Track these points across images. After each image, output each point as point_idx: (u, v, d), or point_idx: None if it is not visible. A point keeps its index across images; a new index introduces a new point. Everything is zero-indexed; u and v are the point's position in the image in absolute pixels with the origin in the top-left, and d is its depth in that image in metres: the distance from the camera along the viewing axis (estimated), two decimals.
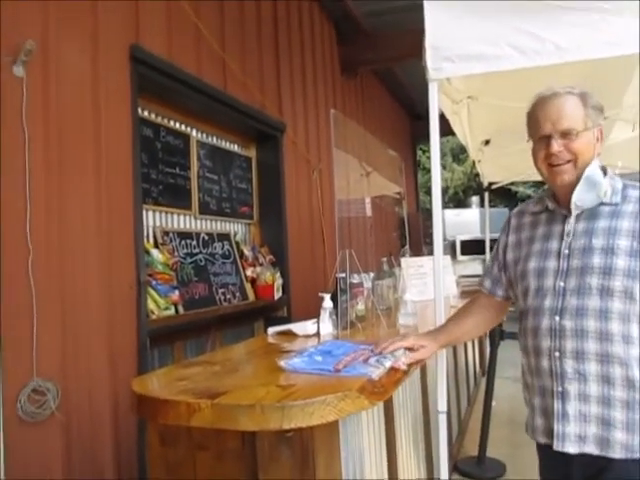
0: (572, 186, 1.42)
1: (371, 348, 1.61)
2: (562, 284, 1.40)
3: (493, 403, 3.51)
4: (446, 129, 3.24)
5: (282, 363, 1.48)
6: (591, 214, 1.42)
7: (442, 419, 1.95)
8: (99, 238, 2.55)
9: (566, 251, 1.42)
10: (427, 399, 2.42)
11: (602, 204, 1.42)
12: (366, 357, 1.52)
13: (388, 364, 1.47)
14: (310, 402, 1.15)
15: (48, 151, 2.30)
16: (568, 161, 1.41)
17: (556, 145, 1.40)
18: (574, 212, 1.43)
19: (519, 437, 3.66)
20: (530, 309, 1.47)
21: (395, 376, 1.44)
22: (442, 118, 2.14)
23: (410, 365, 1.56)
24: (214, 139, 4.05)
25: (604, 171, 1.45)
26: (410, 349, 1.58)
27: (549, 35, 1.77)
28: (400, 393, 2.02)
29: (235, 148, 4.34)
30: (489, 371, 3.47)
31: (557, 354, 1.39)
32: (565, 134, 1.40)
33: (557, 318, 1.39)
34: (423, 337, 1.67)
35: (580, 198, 1.41)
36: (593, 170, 1.41)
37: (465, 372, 4.31)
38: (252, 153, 4.53)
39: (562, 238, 1.44)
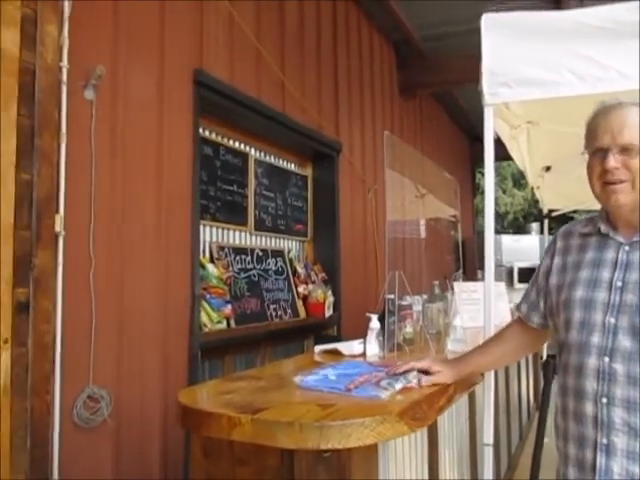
0: (628, 208, 1.28)
1: (386, 370, 1.60)
2: (613, 320, 1.25)
3: (546, 439, 3.36)
4: (506, 153, 3.19)
5: (297, 380, 1.50)
6: None
7: (488, 452, 1.89)
8: (157, 252, 2.65)
9: (619, 283, 1.27)
10: (475, 430, 2.35)
11: None
12: (379, 379, 1.51)
13: (399, 386, 1.44)
14: (348, 423, 1.15)
15: (113, 168, 2.43)
16: (623, 181, 1.25)
17: (613, 161, 1.24)
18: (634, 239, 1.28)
19: None
20: (573, 344, 1.32)
21: (437, 403, 1.42)
22: (502, 142, 2.11)
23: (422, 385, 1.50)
24: (272, 158, 4.15)
25: None
26: (426, 372, 1.53)
27: (612, 61, 1.72)
28: (446, 422, 1.98)
29: (292, 167, 4.42)
30: (542, 406, 3.31)
31: (604, 400, 1.23)
32: (625, 149, 1.25)
33: (606, 359, 1.24)
34: (441, 362, 1.61)
35: None
36: None
37: (518, 405, 4.15)
38: (308, 172, 4.60)
39: (615, 267, 1.29)
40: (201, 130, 3.30)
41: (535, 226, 9.24)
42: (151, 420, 2.55)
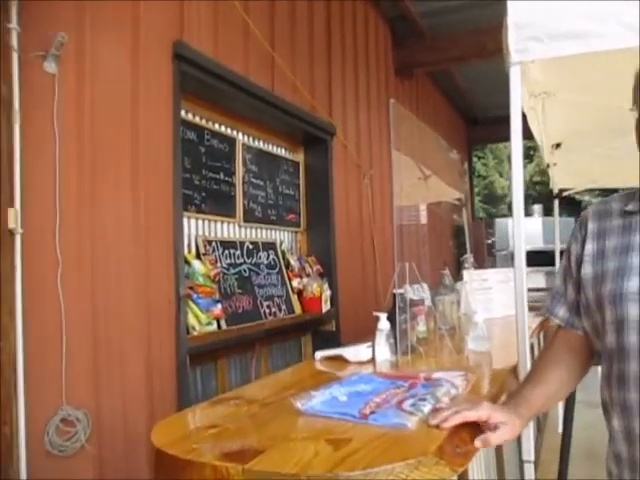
0: None
1: (408, 384, 1.32)
2: None
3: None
4: (502, 134, 2.90)
5: (299, 404, 1.22)
6: None
7: (529, 469, 1.61)
8: (135, 249, 2.35)
9: None
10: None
11: None
12: (400, 399, 1.22)
13: (427, 409, 1.15)
14: (372, 472, 0.87)
15: (80, 154, 2.12)
16: None
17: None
18: None
19: (600, 473, 3.24)
20: (610, 348, 1.09)
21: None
22: (503, 120, 1.82)
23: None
24: (261, 143, 3.84)
25: None
26: (482, 425, 1.12)
27: None
28: None
29: (282, 152, 4.11)
30: (568, 398, 3.05)
31: None
32: None
33: None
34: (502, 410, 1.16)
35: None
36: None
37: None
38: (300, 157, 4.30)
39: None
40: (183, 113, 2.99)
41: (537, 208, 8.94)
42: (137, 441, 2.23)
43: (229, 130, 3.49)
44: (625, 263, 1.09)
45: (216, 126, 3.36)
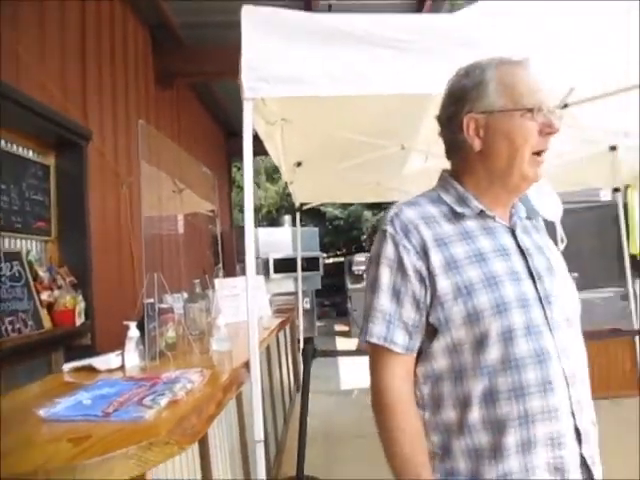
0: None
1: (150, 383, 1.48)
2: (551, 315, 1.05)
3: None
4: (261, 148, 3.26)
5: (41, 412, 1.28)
6: (522, 225, 1.15)
7: (260, 449, 1.88)
8: None
9: (535, 272, 1.08)
10: (244, 426, 2.34)
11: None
12: (142, 396, 1.37)
13: (164, 402, 1.33)
14: (109, 457, 1.00)
15: None
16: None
17: (559, 122, 1.04)
18: (512, 222, 1.13)
19: (335, 452, 3.81)
20: (525, 357, 1.01)
21: (207, 412, 1.34)
22: (258, 137, 2.12)
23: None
24: (2, 142, 3.52)
25: None
26: None
27: (359, 67, 1.85)
28: (215, 425, 1.91)
29: (29, 154, 3.82)
30: (303, 390, 3.52)
31: (575, 409, 1.05)
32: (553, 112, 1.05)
33: (566, 361, 1.05)
34: None
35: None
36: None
37: (280, 390, 4.33)
38: (50, 161, 4.04)
39: (523, 254, 1.08)
40: None
41: (287, 218, 9.78)
42: None
43: None
44: (489, 271, 1.04)
45: None
